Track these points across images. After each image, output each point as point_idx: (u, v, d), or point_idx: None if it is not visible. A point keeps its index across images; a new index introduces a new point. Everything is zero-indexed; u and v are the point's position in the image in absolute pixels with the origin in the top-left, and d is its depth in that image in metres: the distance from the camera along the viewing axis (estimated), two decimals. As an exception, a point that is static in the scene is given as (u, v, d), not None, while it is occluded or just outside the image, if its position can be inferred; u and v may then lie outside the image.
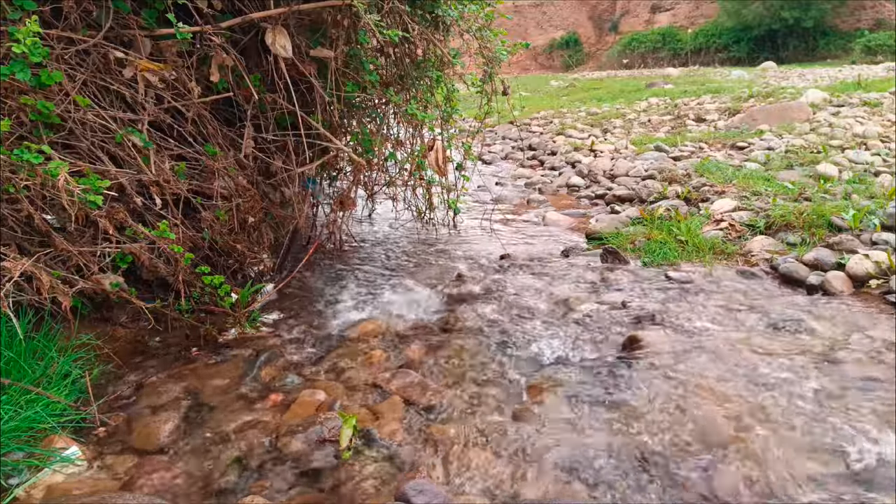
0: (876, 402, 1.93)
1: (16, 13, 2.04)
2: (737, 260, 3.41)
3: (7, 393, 1.84)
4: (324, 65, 2.93)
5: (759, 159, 5.73)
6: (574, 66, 33.35)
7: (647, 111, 10.55)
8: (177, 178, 2.50)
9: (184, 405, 2.11)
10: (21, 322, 2.03)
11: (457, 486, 1.67)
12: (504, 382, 2.21)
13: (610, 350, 2.45)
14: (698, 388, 2.04)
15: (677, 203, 4.33)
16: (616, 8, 35.65)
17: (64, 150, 2.25)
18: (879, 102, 8.39)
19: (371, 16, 2.64)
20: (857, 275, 2.93)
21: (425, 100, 3.74)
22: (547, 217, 4.74)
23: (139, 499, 1.63)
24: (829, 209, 3.59)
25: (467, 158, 4.28)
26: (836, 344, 2.33)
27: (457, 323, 2.70)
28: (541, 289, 3.08)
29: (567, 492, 1.64)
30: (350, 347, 2.53)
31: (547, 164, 7.28)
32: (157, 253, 2.38)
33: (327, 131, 2.94)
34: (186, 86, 2.49)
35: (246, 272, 3.02)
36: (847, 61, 21.90)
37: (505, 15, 3.85)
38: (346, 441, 1.81)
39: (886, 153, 5.53)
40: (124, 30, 2.39)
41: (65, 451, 1.78)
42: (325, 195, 4.09)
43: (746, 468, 1.66)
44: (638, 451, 1.77)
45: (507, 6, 4.18)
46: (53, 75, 2.08)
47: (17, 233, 2.18)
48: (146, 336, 2.62)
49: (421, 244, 4.09)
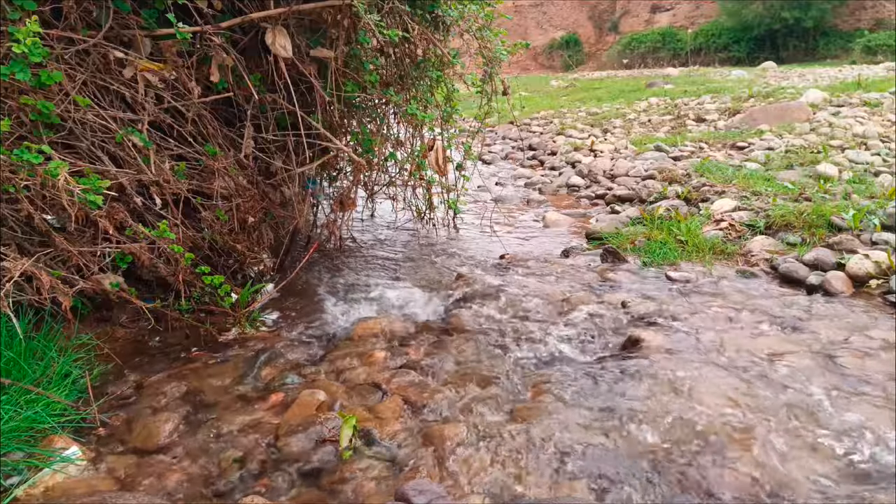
0: (876, 401, 1.94)
1: (16, 13, 2.04)
2: (737, 260, 3.41)
3: (7, 393, 1.84)
4: (324, 65, 2.93)
5: (759, 159, 5.73)
6: (574, 66, 33.32)
7: (647, 111, 10.55)
8: (177, 178, 2.50)
9: (184, 405, 2.11)
10: (21, 322, 2.03)
11: (457, 486, 1.67)
12: (504, 382, 2.21)
13: (610, 350, 2.45)
14: (698, 387, 2.04)
15: (677, 203, 4.33)
16: (616, 8, 35.62)
17: (64, 150, 2.25)
18: (879, 102, 8.39)
19: (371, 16, 2.64)
20: (857, 275, 2.93)
21: (425, 100, 3.74)
22: (547, 217, 4.74)
23: (139, 499, 1.63)
24: (829, 209, 3.59)
25: (467, 158, 4.29)
26: (836, 344, 2.33)
27: (457, 323, 2.70)
28: (541, 289, 3.08)
29: (567, 492, 1.63)
30: (350, 347, 2.53)
31: (547, 164, 7.29)
32: (157, 253, 2.38)
33: (327, 131, 2.94)
34: (186, 86, 2.49)
35: (246, 272, 3.02)
36: (847, 61, 21.89)
37: (505, 15, 3.85)
38: (346, 441, 1.81)
39: (886, 153, 5.53)
40: (124, 30, 2.39)
41: (65, 451, 1.78)
42: (325, 195, 4.10)
43: (746, 467, 1.66)
44: (638, 451, 1.77)
45: (507, 6, 4.18)
46: (53, 75, 2.08)
47: (17, 233, 2.18)
48: (146, 336, 2.62)
49: (421, 244, 4.09)
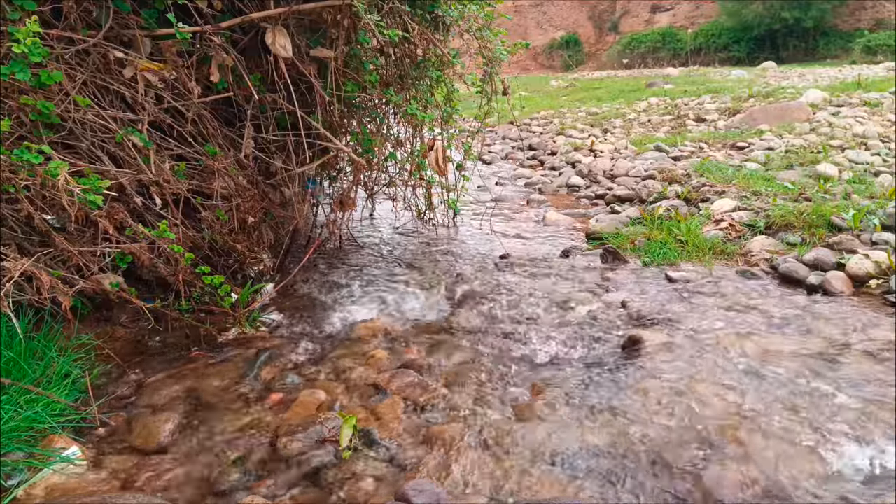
0: (876, 401, 1.94)
1: (16, 13, 2.04)
2: (737, 260, 3.41)
3: (7, 393, 1.84)
4: (324, 65, 2.93)
5: (759, 159, 5.72)
6: (574, 66, 33.30)
7: (647, 111, 10.54)
8: (177, 178, 2.50)
9: (184, 405, 2.11)
10: (21, 322, 2.03)
11: (457, 486, 1.67)
12: (504, 382, 2.21)
13: (610, 350, 2.45)
14: (698, 387, 2.04)
15: (677, 203, 4.33)
16: (616, 8, 35.61)
17: (64, 150, 2.25)
18: (879, 102, 8.38)
19: (371, 16, 2.64)
20: (857, 275, 2.93)
21: (425, 100, 3.74)
22: (547, 217, 4.73)
23: (139, 499, 1.62)
24: (829, 209, 3.59)
25: (467, 158, 4.29)
26: (835, 344, 2.33)
27: (457, 323, 2.70)
28: (541, 289, 3.08)
29: (568, 491, 1.63)
30: (350, 347, 2.53)
31: (547, 164, 7.29)
32: (157, 253, 2.38)
33: (327, 131, 2.94)
34: (186, 86, 2.49)
35: (246, 272, 3.02)
36: (847, 61, 21.87)
37: (505, 15, 3.85)
38: (346, 441, 1.81)
39: (886, 153, 5.53)
40: (124, 30, 2.39)
41: (65, 451, 1.78)
42: (325, 195, 4.09)
43: (745, 467, 1.66)
44: (638, 451, 1.77)
45: (507, 6, 4.18)
46: (53, 75, 2.08)
47: (17, 233, 2.18)
48: (146, 336, 2.62)
49: (421, 244, 4.09)
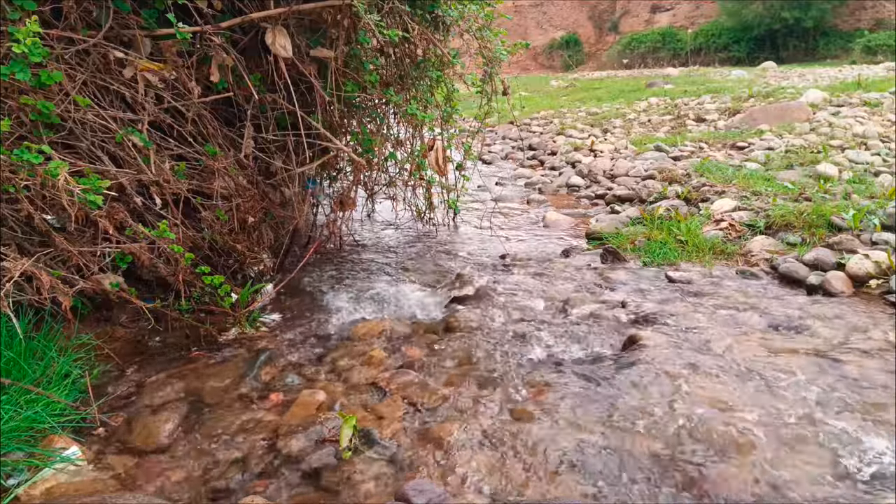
0: (876, 401, 1.94)
1: (16, 13, 2.04)
2: (737, 260, 3.41)
3: (7, 393, 1.84)
4: (324, 65, 2.93)
5: (759, 159, 5.72)
6: (574, 66, 33.29)
7: (647, 111, 10.54)
8: (177, 178, 2.50)
9: (184, 405, 2.11)
10: (21, 322, 2.03)
11: (457, 486, 1.67)
12: (504, 382, 2.21)
13: (610, 350, 2.45)
14: (698, 387, 2.04)
15: (677, 203, 4.33)
16: (616, 8, 35.60)
17: (64, 150, 2.25)
18: (879, 102, 8.38)
19: (371, 16, 2.64)
20: (857, 275, 2.93)
21: (425, 100, 3.74)
22: (547, 217, 4.73)
23: (139, 499, 1.63)
24: (829, 209, 3.59)
25: (467, 158, 4.29)
26: (835, 344, 2.33)
27: (457, 323, 2.69)
28: (541, 289, 3.08)
29: (568, 491, 1.64)
30: (350, 347, 2.53)
31: (547, 164, 7.29)
32: (157, 253, 2.38)
33: (327, 131, 2.94)
34: (186, 86, 2.49)
35: (246, 272, 3.02)
36: (847, 61, 21.86)
37: (505, 15, 3.85)
38: (346, 441, 1.81)
39: (886, 153, 5.53)
40: (124, 30, 2.39)
41: (65, 451, 1.78)
42: (325, 195, 4.09)
43: (745, 467, 1.66)
44: (638, 451, 1.77)
45: (507, 6, 4.18)
46: (53, 75, 2.08)
47: (17, 233, 2.18)
48: (146, 336, 2.62)
49: (421, 244, 4.09)
